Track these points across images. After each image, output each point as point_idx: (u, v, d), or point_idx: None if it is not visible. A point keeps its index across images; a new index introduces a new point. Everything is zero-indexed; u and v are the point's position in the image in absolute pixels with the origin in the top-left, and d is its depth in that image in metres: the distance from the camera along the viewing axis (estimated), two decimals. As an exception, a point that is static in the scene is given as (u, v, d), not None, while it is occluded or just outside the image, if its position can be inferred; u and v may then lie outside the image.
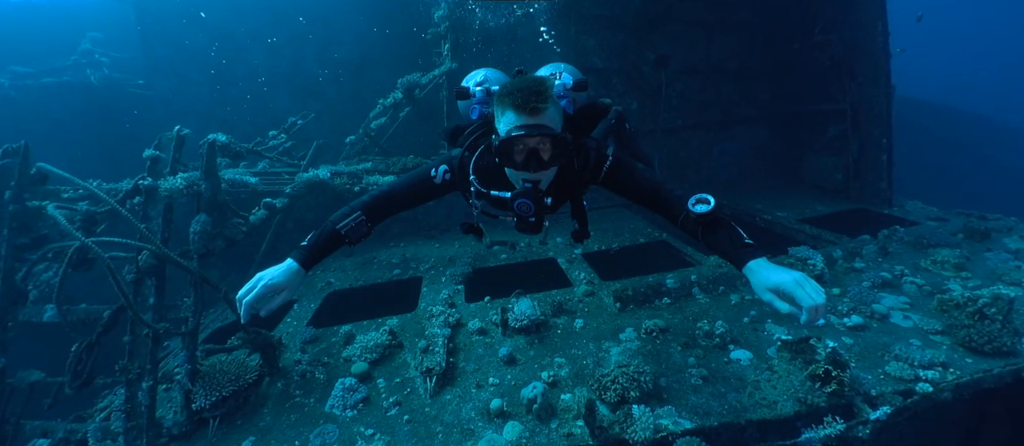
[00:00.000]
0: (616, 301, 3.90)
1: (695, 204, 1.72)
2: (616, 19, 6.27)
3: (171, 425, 2.92)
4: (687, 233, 1.81)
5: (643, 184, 1.88)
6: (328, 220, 1.92)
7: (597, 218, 6.45)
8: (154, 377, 2.97)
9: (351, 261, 5.67)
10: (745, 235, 1.69)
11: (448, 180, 1.94)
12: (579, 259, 4.97)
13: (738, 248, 1.66)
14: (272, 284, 1.70)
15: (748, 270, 1.60)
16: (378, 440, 2.68)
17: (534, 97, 1.62)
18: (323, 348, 3.68)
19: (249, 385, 3.17)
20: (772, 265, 1.56)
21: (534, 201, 1.73)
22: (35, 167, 2.91)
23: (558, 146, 1.69)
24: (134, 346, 2.95)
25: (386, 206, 1.95)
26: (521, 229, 1.93)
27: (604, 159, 1.90)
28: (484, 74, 2.33)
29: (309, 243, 1.86)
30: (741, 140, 7.29)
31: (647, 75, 6.52)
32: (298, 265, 1.78)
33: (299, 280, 1.79)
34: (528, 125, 1.63)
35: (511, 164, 1.71)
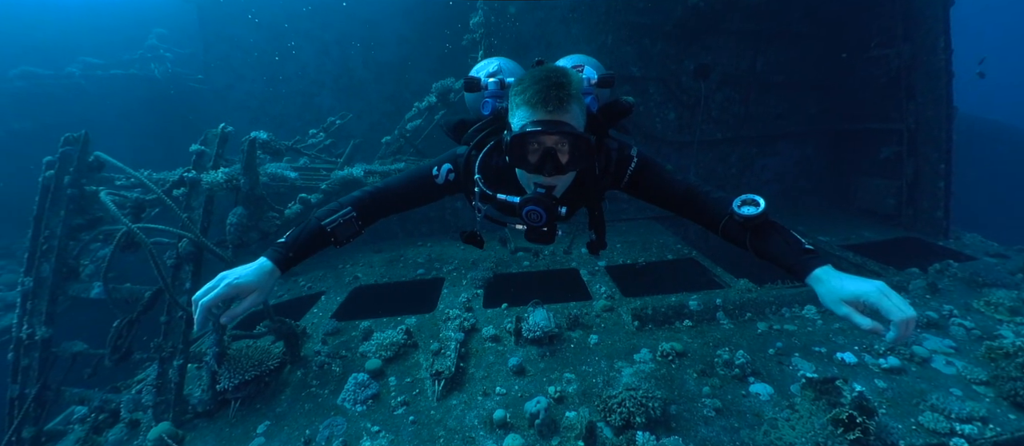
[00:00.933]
0: (634, 319, 3.81)
1: (741, 206, 1.49)
2: (656, 27, 6.12)
3: (196, 402, 3.11)
4: (730, 241, 1.57)
5: (674, 186, 1.65)
6: (312, 215, 1.68)
7: (625, 230, 6.33)
8: (185, 356, 3.17)
9: (379, 257, 5.83)
10: (804, 240, 1.46)
11: (452, 181, 1.73)
12: (602, 272, 4.89)
13: (798, 255, 1.41)
14: (238, 284, 1.43)
15: (815, 280, 1.36)
16: (382, 438, 2.75)
17: (556, 89, 1.40)
18: (343, 341, 3.81)
19: (271, 371, 3.34)
20: (843, 274, 1.34)
21: (546, 209, 1.49)
22: (93, 155, 3.18)
23: (579, 148, 1.47)
24: (169, 326, 3.16)
25: (381, 204, 1.73)
26: (531, 239, 1.71)
27: (628, 160, 1.66)
28: (498, 64, 2.08)
29: (288, 240, 1.60)
30: (785, 156, 6.94)
31: (686, 85, 6.33)
32: (272, 264, 1.52)
33: (272, 282, 1.54)
34: (546, 121, 1.42)
35: (523, 165, 1.50)
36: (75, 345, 3.04)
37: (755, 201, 1.50)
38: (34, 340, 2.86)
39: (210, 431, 2.99)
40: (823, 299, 1.35)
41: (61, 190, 3.07)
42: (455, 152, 1.77)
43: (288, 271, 1.60)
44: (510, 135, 1.46)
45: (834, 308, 1.32)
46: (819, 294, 1.35)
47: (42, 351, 2.83)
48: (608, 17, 6.17)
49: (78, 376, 3.10)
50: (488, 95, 1.88)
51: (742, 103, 6.58)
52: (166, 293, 3.13)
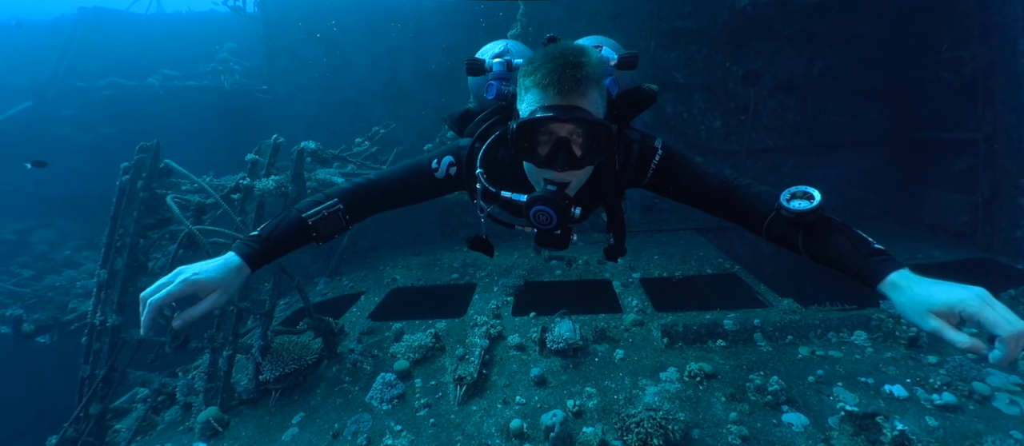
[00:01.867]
0: (664, 336, 3.71)
1: (791, 200, 1.26)
2: (701, 32, 5.92)
3: (242, 390, 3.38)
4: (777, 243, 1.34)
5: (706, 180, 1.43)
6: (293, 207, 1.48)
7: (665, 241, 6.16)
8: (234, 348, 3.46)
9: (417, 260, 6.03)
10: (871, 239, 1.21)
11: (453, 176, 1.53)
12: (636, 284, 4.79)
13: (867, 256, 1.16)
14: (197, 281, 1.24)
15: (891, 287, 1.11)
16: (404, 437, 2.86)
17: (571, 69, 1.20)
18: (376, 341, 3.99)
19: (309, 365, 3.57)
20: (927, 278, 1.10)
21: (557, 210, 1.29)
22: (163, 162, 3.56)
23: (597, 139, 1.27)
24: (221, 319, 3.46)
25: (372, 198, 1.52)
26: (542, 243, 1.51)
27: (652, 153, 1.46)
28: (505, 45, 1.85)
29: (262, 233, 1.40)
30: (845, 167, 6.46)
31: (733, 92, 6.07)
32: (241, 260, 1.32)
33: (239, 280, 1.33)
34: (559, 107, 1.23)
35: (531, 157, 1.31)
36: (139, 332, 3.40)
37: (808, 193, 1.26)
38: (106, 326, 3.24)
39: (252, 418, 3.24)
40: (904, 310, 1.09)
41: (135, 193, 3.46)
42: (458, 144, 1.58)
43: (259, 268, 1.40)
44: (516, 122, 1.28)
45: (919, 321, 1.07)
46: (898, 304, 1.10)
47: (112, 337, 3.20)
48: (651, 23, 6.06)
49: (142, 360, 3.47)
50: (493, 77, 1.63)
51: (797, 110, 6.20)
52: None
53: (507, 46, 1.83)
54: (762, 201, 1.35)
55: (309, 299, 3.80)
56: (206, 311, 1.28)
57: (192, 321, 1.26)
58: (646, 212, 6.68)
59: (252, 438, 3.04)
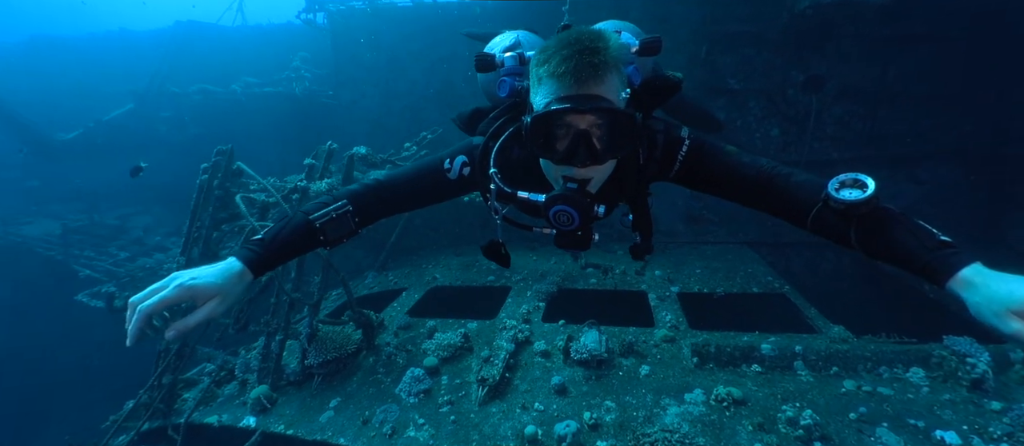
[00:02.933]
0: (694, 355, 3.61)
1: (840, 189, 1.12)
2: (759, 35, 5.62)
3: (290, 373, 3.73)
4: (825, 236, 1.21)
5: (742, 170, 1.30)
6: (299, 210, 1.42)
7: (711, 255, 5.93)
8: (285, 333, 3.82)
9: (458, 261, 6.25)
10: (936, 230, 1.07)
11: (466, 176, 1.45)
12: (673, 299, 4.67)
13: (933, 250, 1.03)
14: (193, 287, 1.14)
15: (963, 284, 0.98)
16: (425, 430, 3.03)
17: (589, 55, 1.11)
18: (410, 337, 4.22)
19: (349, 354, 3.85)
20: (1005, 274, 0.97)
21: (579, 209, 1.21)
22: (236, 164, 4.01)
23: (619, 130, 1.19)
24: (276, 307, 3.84)
25: (383, 200, 1.45)
26: (562, 245, 1.43)
27: (678, 143, 1.35)
28: (516, 37, 1.73)
29: (266, 236, 1.32)
30: (921, 183, 5.84)
31: (793, 98, 5.70)
32: (243, 265, 1.24)
33: (240, 287, 1.24)
34: (577, 97, 1.13)
35: (549, 153, 1.22)
36: (211, 313, 3.87)
37: (860, 181, 1.12)
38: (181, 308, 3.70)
39: (296, 398, 3.57)
40: (980, 311, 0.96)
41: (210, 190, 3.93)
42: (471, 142, 1.49)
43: (263, 274, 1.32)
44: (531, 116, 1.19)
45: (996, 323, 0.92)
46: (972, 304, 0.97)
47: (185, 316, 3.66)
48: (704, 27, 5.85)
49: (209, 338, 3.93)
50: (505, 73, 1.52)
51: (867, 118, 5.71)
52: (276, 280, 3.81)
53: (519, 38, 1.72)
54: (806, 191, 1.21)
55: (353, 293, 4.10)
56: (203, 321, 1.16)
57: (186, 332, 1.16)
58: (692, 223, 6.45)
59: (294, 417, 3.35)
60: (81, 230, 7.97)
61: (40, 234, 7.92)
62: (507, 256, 1.57)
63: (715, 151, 1.35)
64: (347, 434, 3.10)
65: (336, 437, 3.07)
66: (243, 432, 3.30)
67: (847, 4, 4.48)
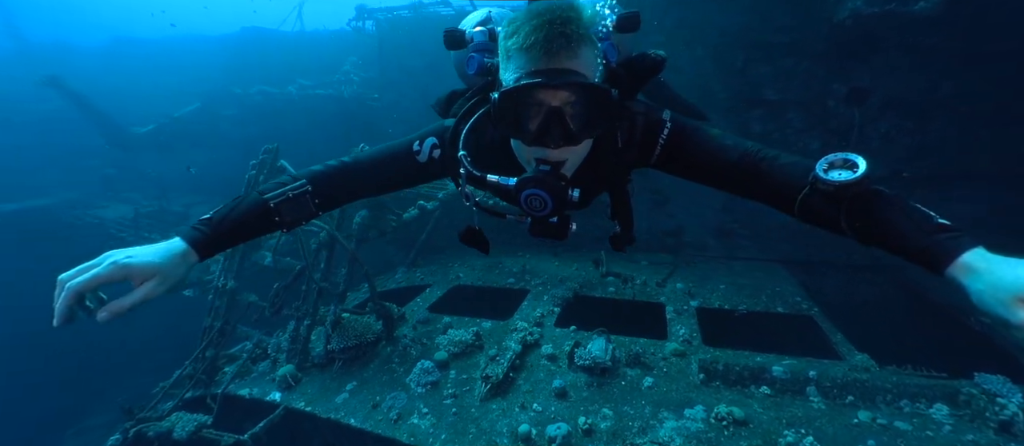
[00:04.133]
0: (701, 371, 3.57)
1: (829, 170, 1.05)
2: (799, 45, 5.40)
3: (315, 356, 4.04)
4: (814, 222, 1.13)
5: (726, 154, 1.23)
6: (254, 189, 1.33)
7: (739, 271, 5.76)
8: (313, 319, 4.15)
9: (482, 262, 6.43)
10: (933, 212, 1.00)
11: (436, 159, 1.38)
12: (691, 313, 4.62)
13: (931, 233, 0.96)
14: (129, 265, 1.05)
15: (965, 270, 0.90)
16: (428, 419, 3.23)
17: (559, 25, 1.05)
18: (427, 331, 4.44)
19: (368, 343, 4.13)
20: (1009, 258, 0.90)
21: (552, 193, 1.14)
22: (280, 162, 4.41)
23: (594, 105, 1.11)
24: (306, 295, 4.18)
25: (346, 182, 1.38)
26: (537, 233, 1.36)
27: (659, 126, 1.28)
28: (488, 12, 1.62)
29: (214, 216, 1.22)
30: (977, 202, 5.36)
31: (834, 111, 5.43)
32: (187, 246, 1.15)
33: (183, 268, 1.15)
34: (548, 71, 1.06)
35: (519, 133, 1.15)
36: (249, 296, 4.28)
37: (850, 162, 1.05)
38: (225, 289, 4.12)
39: (318, 379, 3.88)
40: (983, 299, 0.87)
41: (256, 185, 4.34)
42: (442, 124, 1.42)
43: (210, 256, 1.22)
44: (499, 93, 1.11)
45: (1002, 311, 0.84)
46: (975, 292, 0.89)
47: (229, 298, 4.08)
48: (742, 37, 5.69)
49: (248, 319, 4.34)
50: (474, 49, 1.40)
51: (916, 133, 5.33)
52: (308, 269, 4.16)
53: (490, 13, 1.61)
54: (793, 173, 1.13)
55: (376, 286, 4.37)
56: (139, 302, 1.07)
57: (120, 314, 1.04)
58: (722, 237, 6.28)
59: (314, 396, 3.65)
60: (151, 215, 8.93)
61: (115, 217, 8.97)
62: (486, 242, 1.49)
63: (698, 134, 1.28)
64: (357, 416, 3.35)
65: (347, 418, 3.33)
66: (269, 405, 3.64)
67: (890, 15, 4.23)
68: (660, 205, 6.52)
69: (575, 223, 1.37)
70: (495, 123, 1.16)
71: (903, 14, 4.24)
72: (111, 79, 12.14)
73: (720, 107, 6.00)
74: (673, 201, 6.46)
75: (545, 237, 1.35)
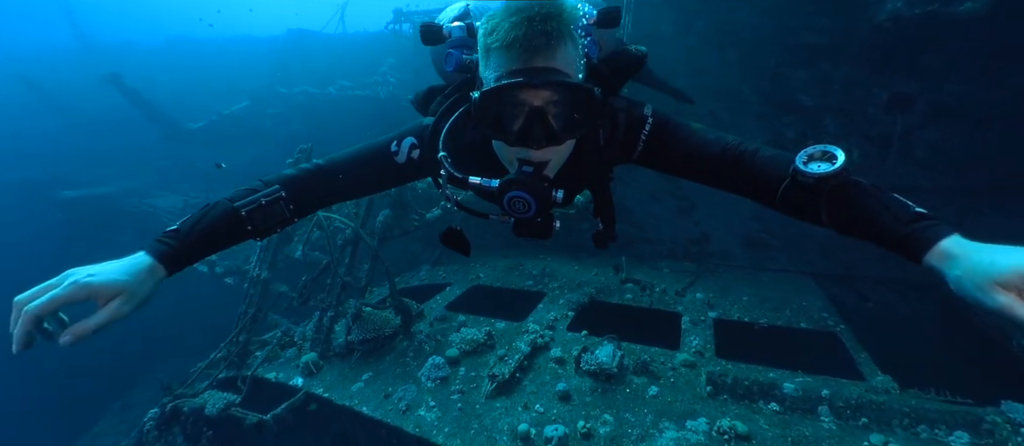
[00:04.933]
0: (709, 384, 3.54)
1: (808, 162, 1.07)
2: (838, 48, 5.13)
3: (337, 345, 4.29)
4: (795, 215, 1.14)
5: (707, 149, 1.24)
6: (223, 197, 1.25)
7: (766, 283, 5.58)
8: (336, 310, 4.40)
9: (503, 263, 6.54)
10: (910, 202, 1.02)
11: (415, 159, 1.34)
12: (708, 324, 4.55)
13: (908, 222, 0.98)
14: (91, 285, 0.98)
15: (943, 257, 0.91)
16: (434, 411, 3.38)
17: (540, 21, 1.03)
18: (442, 328, 4.61)
19: (386, 336, 4.34)
20: (986, 244, 0.91)
21: (536, 196, 1.13)
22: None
23: (578, 105, 1.10)
24: (330, 288, 4.44)
25: (322, 186, 1.33)
26: (521, 233, 1.35)
27: (641, 122, 1.28)
28: (467, 5, 1.57)
29: (183, 228, 1.15)
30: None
31: (874, 118, 5.13)
32: (153, 260, 1.08)
33: (149, 285, 1.07)
34: (528, 69, 1.04)
35: (500, 134, 1.13)
36: (280, 286, 4.59)
37: (830, 154, 1.07)
38: (259, 279, 4.45)
39: (337, 368, 4.12)
40: (962, 285, 0.88)
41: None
42: (421, 123, 1.38)
43: (179, 270, 1.14)
44: (479, 92, 1.09)
45: (981, 297, 0.85)
46: (954, 279, 0.90)
47: (262, 287, 4.40)
48: (776, 39, 5.49)
49: (279, 307, 4.66)
50: (452, 45, 1.36)
51: (966, 141, 4.96)
52: (333, 264, 4.42)
53: (469, 6, 1.56)
54: (774, 166, 1.15)
55: (395, 283, 4.58)
56: (104, 324, 0.99)
57: (84, 337, 0.98)
58: (750, 247, 6.08)
59: (332, 383, 3.89)
60: (198, 206, 9.73)
61: (167, 206, 9.78)
62: (467, 243, 1.48)
63: (679, 129, 1.28)
64: (370, 404, 3.55)
65: (359, 406, 3.54)
66: (292, 389, 3.91)
67: (933, 17, 3.95)
68: (685, 212, 6.40)
69: (559, 222, 1.36)
70: (476, 123, 1.13)
71: (947, 15, 3.97)
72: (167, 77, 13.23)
73: (751, 112, 5.83)
74: (699, 208, 6.33)
75: (529, 237, 1.34)
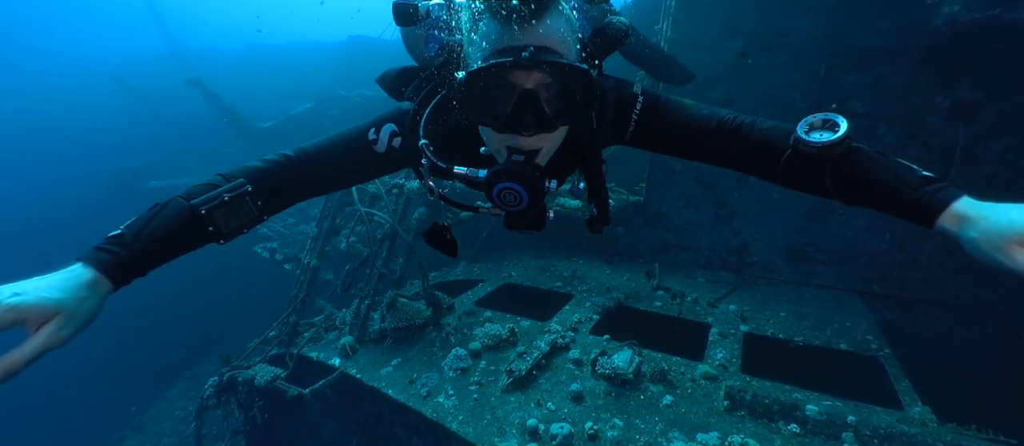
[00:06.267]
0: (726, 398, 3.49)
1: (809, 131, 1.02)
2: (897, 51, 4.77)
3: (372, 331, 4.65)
4: (798, 187, 1.10)
5: (703, 123, 1.18)
6: (176, 195, 1.09)
7: (807, 298, 5.32)
8: (373, 299, 4.76)
9: (536, 263, 6.67)
10: (916, 166, 0.99)
11: (396, 148, 1.25)
12: (738, 338, 4.44)
13: (918, 187, 0.95)
14: (20, 307, 0.81)
15: (957, 220, 0.89)
16: (452, 400, 3.61)
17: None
18: (469, 322, 4.83)
19: (416, 326, 4.63)
20: (999, 204, 0.88)
21: (527, 187, 1.03)
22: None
23: (573, 88, 1.00)
24: (369, 278, 4.81)
25: (293, 178, 1.21)
26: (512, 226, 1.26)
27: (632, 100, 1.20)
28: None
29: (128, 232, 0.99)
30: None
31: (934, 127, 4.72)
32: (96, 272, 0.92)
33: (93, 302, 0.91)
34: (519, 47, 0.94)
35: (488, 119, 1.03)
36: (327, 274, 5.03)
37: (832, 122, 1.02)
38: (309, 266, 4.91)
39: (370, 353, 4.46)
40: (978, 247, 0.85)
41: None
42: (400, 108, 1.28)
43: (127, 283, 0.98)
44: (464, 73, 0.98)
45: (1000, 257, 0.82)
46: (969, 241, 0.87)
47: (311, 274, 4.85)
48: (828, 42, 5.20)
49: (325, 293, 5.11)
50: (431, 26, 1.22)
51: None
52: (371, 257, 4.79)
53: None
54: (774, 137, 1.10)
55: (428, 277, 4.86)
56: (38, 354, 0.84)
57: (13, 373, 0.82)
58: (793, 260, 5.79)
59: (364, 366, 4.24)
60: None
61: None
62: (453, 242, 1.37)
63: (671, 105, 1.22)
64: (395, 388, 3.85)
65: (386, 388, 3.84)
66: (330, 368, 4.30)
67: (993, 22, 3.58)
68: (725, 220, 6.21)
69: (552, 211, 1.28)
70: (461, 107, 1.04)
71: (1010, 21, 3.61)
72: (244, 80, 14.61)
73: (799, 119, 5.55)
74: (740, 216, 6.11)
75: (521, 229, 1.26)
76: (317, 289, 5.02)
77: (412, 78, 1.34)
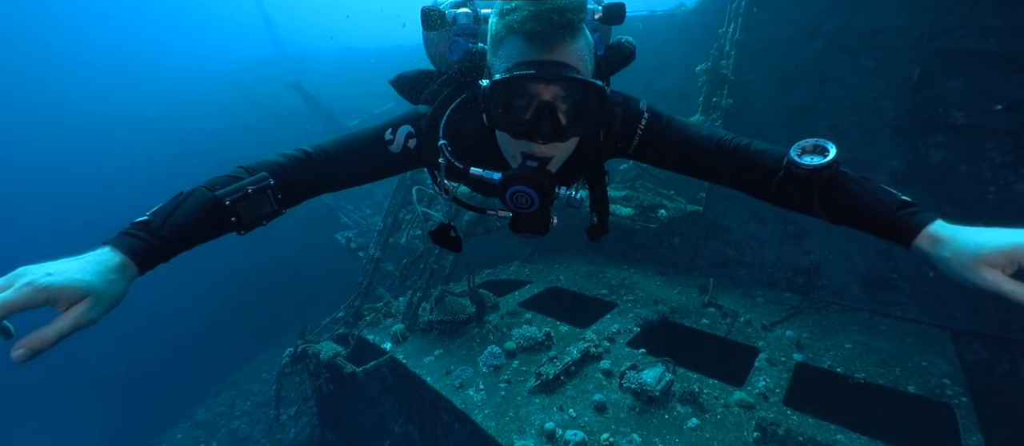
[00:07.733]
0: (757, 429, 3.37)
1: (801, 155, 1.12)
2: (1011, 54, 4.08)
3: (421, 322, 5.09)
4: (789, 206, 1.19)
5: (702, 143, 1.27)
6: (200, 185, 1.14)
7: (882, 330, 4.83)
8: (424, 292, 5.20)
9: (586, 269, 6.71)
10: (895, 191, 1.09)
11: (412, 149, 1.31)
12: (788, 366, 4.21)
13: (895, 210, 1.05)
14: (51, 287, 0.84)
15: (931, 240, 0.98)
16: (481, 393, 3.89)
17: (558, 12, 1.03)
18: (510, 321, 5.08)
19: (460, 321, 4.98)
20: (969, 227, 0.96)
21: (539, 191, 1.14)
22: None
23: (588, 102, 1.11)
24: (422, 272, 5.24)
25: (314, 176, 1.26)
26: (517, 230, 1.36)
27: (637, 117, 1.30)
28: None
29: (156, 219, 1.02)
30: None
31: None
32: (124, 257, 0.95)
33: (120, 285, 0.94)
34: (542, 62, 1.05)
35: (509, 125, 1.13)
36: (388, 265, 5.57)
37: (821, 147, 1.12)
38: (374, 257, 5.48)
39: (417, 341, 4.89)
40: (950, 266, 0.94)
41: (404, 181, 5.58)
42: (416, 110, 1.36)
43: (153, 267, 1.02)
44: (490, 81, 1.08)
45: (971, 276, 0.91)
46: (941, 261, 0.96)
47: (375, 264, 5.42)
48: (925, 43, 4.59)
49: (384, 282, 5.66)
50: (458, 33, 1.34)
51: None
52: (425, 253, 5.22)
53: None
54: (768, 159, 1.20)
55: (474, 276, 5.18)
56: (67, 333, 0.86)
57: (41, 350, 0.84)
58: (872, 287, 5.23)
59: (410, 352, 4.67)
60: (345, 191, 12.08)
61: None
62: (458, 240, 1.49)
63: (674, 123, 1.31)
64: (433, 376, 4.22)
65: (425, 375, 4.22)
66: (382, 351, 4.80)
67: None
68: (794, 237, 5.77)
69: (556, 217, 1.39)
70: (483, 112, 1.13)
71: None
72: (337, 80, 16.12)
73: (887, 129, 4.99)
74: (811, 235, 5.65)
75: (526, 232, 1.35)
76: (379, 278, 5.58)
77: (429, 82, 1.44)
